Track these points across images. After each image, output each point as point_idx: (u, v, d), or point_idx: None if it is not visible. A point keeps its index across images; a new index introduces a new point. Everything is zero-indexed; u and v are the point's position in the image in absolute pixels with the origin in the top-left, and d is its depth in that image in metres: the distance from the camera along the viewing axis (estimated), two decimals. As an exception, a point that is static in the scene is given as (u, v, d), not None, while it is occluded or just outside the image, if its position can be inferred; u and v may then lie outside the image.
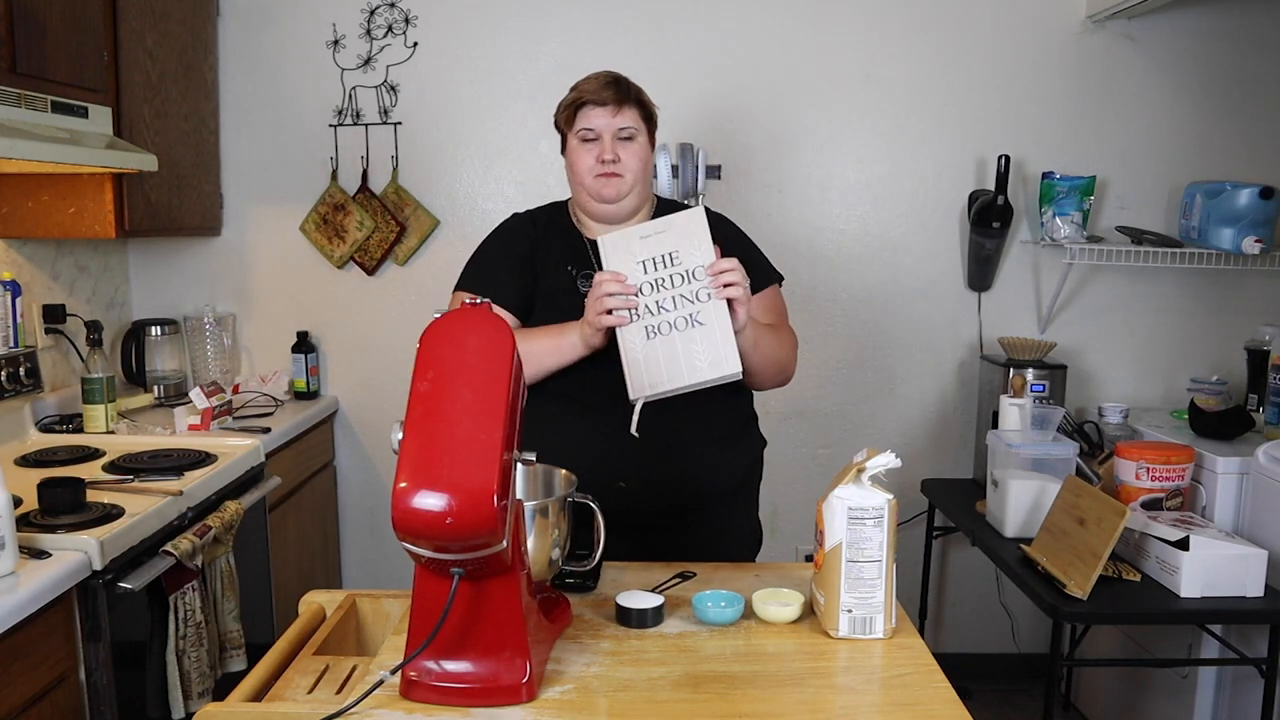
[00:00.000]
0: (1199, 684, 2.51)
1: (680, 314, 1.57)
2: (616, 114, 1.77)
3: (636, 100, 1.80)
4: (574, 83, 1.83)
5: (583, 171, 1.78)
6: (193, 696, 1.97)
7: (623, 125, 1.77)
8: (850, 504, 1.35)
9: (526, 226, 1.88)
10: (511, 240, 1.87)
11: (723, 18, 3.02)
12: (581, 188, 1.81)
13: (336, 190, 3.07)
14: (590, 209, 1.83)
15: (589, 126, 1.77)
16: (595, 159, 1.77)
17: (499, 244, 1.89)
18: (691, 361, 1.55)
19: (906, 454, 3.16)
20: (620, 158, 1.76)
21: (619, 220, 1.82)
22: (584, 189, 1.80)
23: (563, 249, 1.83)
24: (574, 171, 1.81)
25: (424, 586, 1.19)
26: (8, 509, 1.56)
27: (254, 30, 3.04)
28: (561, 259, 1.82)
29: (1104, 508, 2.14)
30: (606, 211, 1.81)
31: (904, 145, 3.09)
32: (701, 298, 1.57)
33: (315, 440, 3.00)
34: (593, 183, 1.78)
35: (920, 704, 1.21)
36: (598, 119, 1.77)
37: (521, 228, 1.89)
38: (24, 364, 2.46)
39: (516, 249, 1.85)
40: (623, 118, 1.77)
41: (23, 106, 2.03)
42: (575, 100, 1.79)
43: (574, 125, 1.79)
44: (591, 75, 1.81)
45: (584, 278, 1.79)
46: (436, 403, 1.13)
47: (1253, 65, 3.05)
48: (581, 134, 1.78)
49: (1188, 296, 3.14)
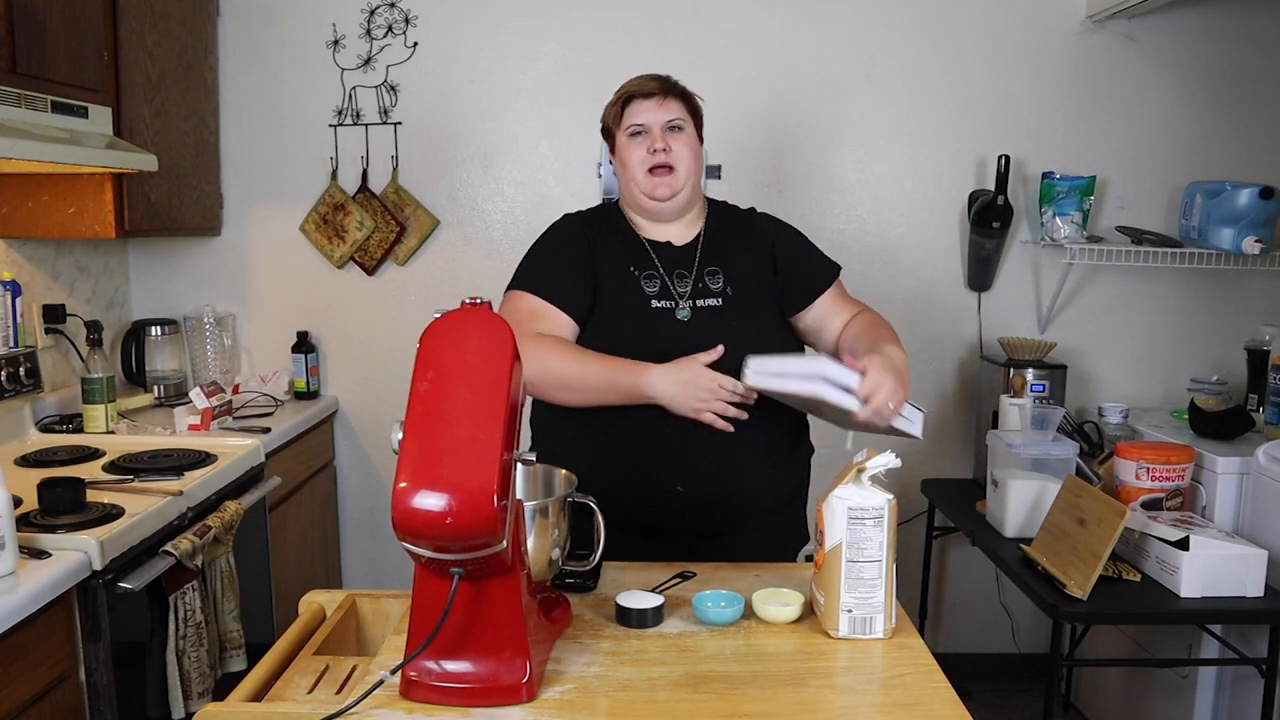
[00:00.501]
0: (1199, 684, 2.51)
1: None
2: (663, 104, 1.76)
3: (682, 93, 1.80)
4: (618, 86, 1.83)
5: (634, 166, 1.76)
6: (193, 696, 1.97)
7: (671, 117, 1.76)
8: (850, 504, 1.35)
9: (583, 226, 1.84)
10: (571, 240, 1.82)
11: (723, 18, 3.02)
12: (634, 184, 1.78)
13: (336, 190, 3.07)
14: (643, 207, 1.80)
15: (637, 121, 1.76)
16: (646, 150, 1.75)
17: (557, 244, 1.83)
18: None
19: (906, 454, 3.16)
20: (671, 147, 1.75)
21: (672, 218, 1.80)
22: (636, 185, 1.77)
23: (622, 249, 1.80)
24: (625, 168, 1.78)
25: (424, 586, 1.19)
26: (8, 509, 1.56)
27: (254, 30, 3.04)
28: (622, 259, 1.78)
29: (1104, 508, 2.14)
30: (660, 209, 1.78)
31: (904, 145, 3.09)
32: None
33: (315, 440, 3.00)
34: (645, 180, 1.76)
35: (920, 704, 1.21)
36: (645, 112, 1.76)
37: (579, 228, 1.83)
38: (24, 364, 2.46)
39: (576, 249, 1.79)
40: (669, 109, 1.76)
41: (23, 106, 2.03)
42: (622, 96, 1.79)
43: (622, 122, 1.78)
44: (636, 76, 1.81)
45: (647, 278, 1.76)
46: (436, 403, 1.13)
47: (1253, 65, 3.05)
48: (631, 129, 1.77)
49: (1188, 296, 3.14)
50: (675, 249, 1.80)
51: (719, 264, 1.79)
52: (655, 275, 1.76)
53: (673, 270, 1.77)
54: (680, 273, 1.77)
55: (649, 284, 1.75)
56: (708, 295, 1.75)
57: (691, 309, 1.73)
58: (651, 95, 1.76)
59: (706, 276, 1.77)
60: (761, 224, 1.90)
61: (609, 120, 1.83)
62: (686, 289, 1.75)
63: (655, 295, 1.74)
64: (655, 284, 1.75)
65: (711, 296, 1.75)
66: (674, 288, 1.75)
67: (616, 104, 1.80)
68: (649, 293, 1.74)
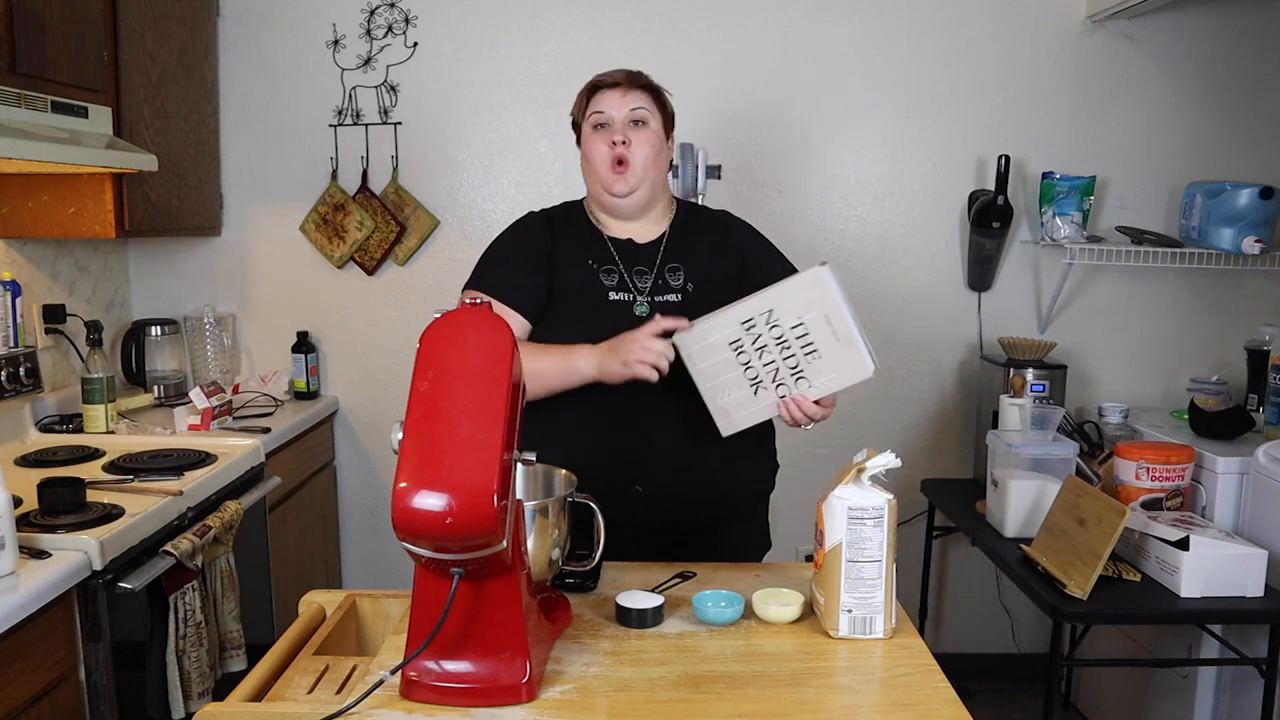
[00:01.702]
0: (1199, 684, 2.51)
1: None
2: (626, 94, 1.76)
3: (648, 85, 1.79)
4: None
5: (597, 160, 1.76)
6: (193, 696, 1.97)
7: (634, 105, 1.75)
8: (850, 504, 1.35)
9: (542, 224, 1.84)
10: (526, 238, 1.83)
11: (723, 18, 3.02)
12: (595, 179, 1.78)
13: (336, 190, 3.07)
14: (603, 201, 1.80)
15: (600, 109, 1.76)
16: (607, 145, 1.75)
17: (512, 242, 1.85)
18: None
19: (906, 454, 3.17)
20: (630, 140, 1.74)
21: (631, 216, 1.80)
22: (597, 179, 1.78)
23: (581, 244, 1.80)
24: (588, 161, 1.79)
25: (424, 586, 1.19)
26: (8, 509, 1.56)
27: (254, 30, 3.04)
28: (581, 254, 1.79)
29: (1104, 508, 2.14)
30: (618, 206, 1.78)
31: (904, 145, 3.09)
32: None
33: (315, 440, 3.00)
34: (606, 174, 1.76)
35: (920, 704, 1.21)
36: (608, 101, 1.76)
37: (537, 225, 1.85)
38: (24, 364, 2.46)
39: (532, 247, 1.80)
40: (633, 98, 1.76)
41: (23, 106, 2.03)
42: (589, 85, 1.80)
43: (587, 111, 1.79)
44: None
45: (605, 271, 1.76)
46: (436, 403, 1.13)
47: (1253, 65, 3.05)
48: (593, 118, 1.77)
49: (1188, 296, 3.14)
50: (636, 246, 1.80)
51: (681, 261, 1.78)
52: (614, 270, 1.76)
53: (632, 266, 1.77)
54: (640, 269, 1.77)
55: (607, 278, 1.76)
56: (667, 291, 1.75)
57: (650, 304, 1.73)
58: (616, 85, 1.76)
59: (668, 273, 1.77)
60: (732, 226, 1.89)
61: (576, 112, 1.84)
62: (646, 285, 1.76)
63: (613, 288, 1.75)
64: (613, 278, 1.76)
65: (671, 292, 1.75)
66: (634, 283, 1.76)
67: (583, 94, 1.81)
68: (606, 285, 1.75)
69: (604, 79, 1.79)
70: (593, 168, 1.78)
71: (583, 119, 1.81)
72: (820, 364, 1.59)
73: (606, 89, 1.77)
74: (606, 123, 1.76)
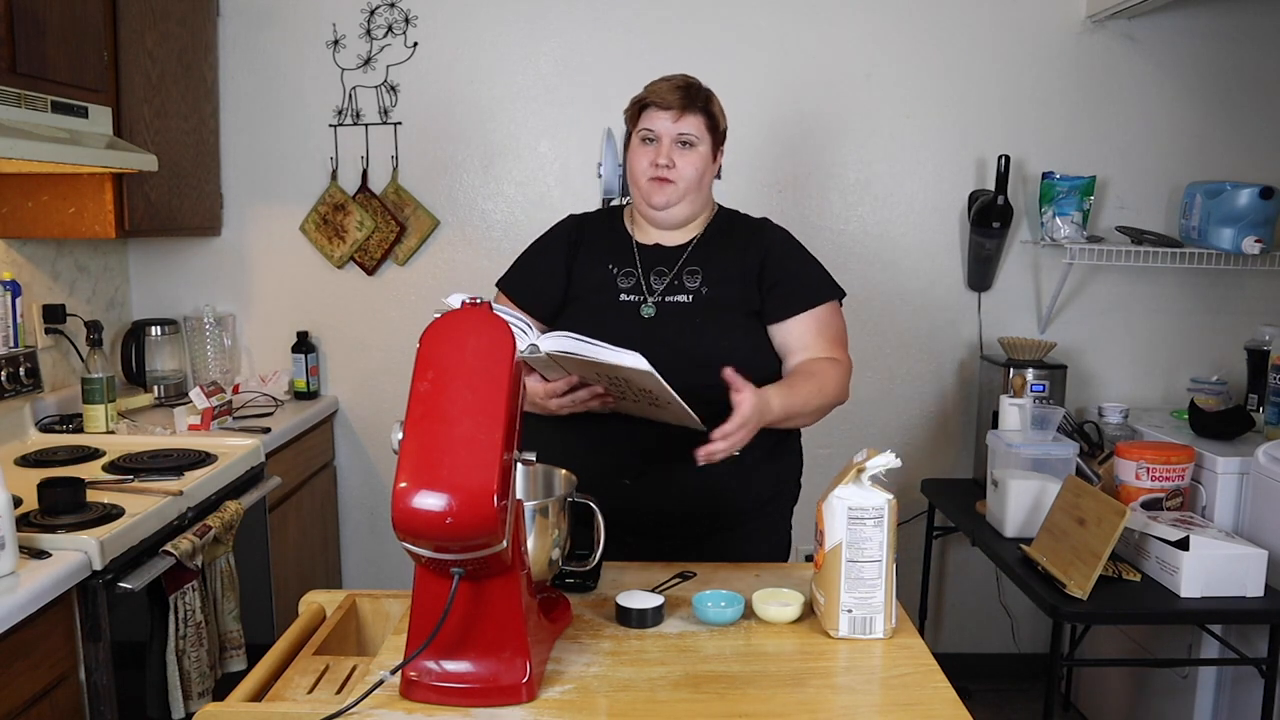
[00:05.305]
0: (1199, 684, 2.51)
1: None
2: (679, 119, 1.73)
3: (704, 109, 1.75)
4: (647, 83, 1.80)
5: (638, 172, 1.77)
6: (193, 696, 1.97)
7: (683, 131, 1.73)
8: (850, 504, 1.35)
9: (573, 228, 1.87)
10: (550, 240, 1.87)
11: (723, 18, 3.02)
12: (636, 188, 1.79)
13: (336, 190, 3.07)
14: (643, 211, 1.81)
15: (649, 128, 1.75)
16: (650, 162, 1.74)
17: (537, 243, 1.89)
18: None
19: (906, 454, 3.17)
20: (675, 163, 1.73)
21: (670, 226, 1.80)
22: (638, 189, 1.78)
23: (607, 247, 1.82)
24: (630, 171, 1.80)
25: (424, 586, 1.19)
26: (8, 509, 1.56)
27: (254, 30, 3.04)
28: (604, 256, 1.80)
29: (1104, 508, 2.14)
30: (656, 217, 1.79)
31: (904, 145, 3.09)
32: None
33: (315, 440, 3.00)
34: (646, 186, 1.76)
35: (920, 704, 1.21)
36: (659, 122, 1.74)
37: (567, 228, 1.87)
38: (24, 364, 2.46)
39: (553, 248, 1.84)
40: (685, 124, 1.73)
41: (23, 106, 2.03)
42: (641, 100, 1.78)
43: (637, 124, 1.78)
44: (665, 77, 1.77)
45: (624, 274, 1.77)
46: (436, 403, 1.13)
47: (1253, 65, 3.05)
48: (642, 134, 1.77)
49: (1188, 296, 3.14)
50: (662, 249, 1.80)
51: (701, 265, 1.78)
52: (633, 272, 1.77)
53: (651, 269, 1.78)
54: (660, 270, 1.78)
55: (624, 280, 1.77)
56: (680, 293, 1.76)
57: (658, 306, 1.74)
58: (669, 109, 1.73)
59: (685, 275, 1.77)
60: (765, 232, 1.86)
61: (626, 117, 1.83)
62: (660, 287, 1.76)
63: (626, 290, 1.76)
64: (630, 280, 1.77)
65: (683, 294, 1.75)
66: (648, 285, 1.76)
67: (635, 105, 1.79)
68: (621, 287, 1.76)
69: (656, 99, 1.74)
70: (634, 176, 1.78)
71: (632, 128, 1.80)
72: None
73: (658, 109, 1.74)
74: (654, 139, 1.75)
